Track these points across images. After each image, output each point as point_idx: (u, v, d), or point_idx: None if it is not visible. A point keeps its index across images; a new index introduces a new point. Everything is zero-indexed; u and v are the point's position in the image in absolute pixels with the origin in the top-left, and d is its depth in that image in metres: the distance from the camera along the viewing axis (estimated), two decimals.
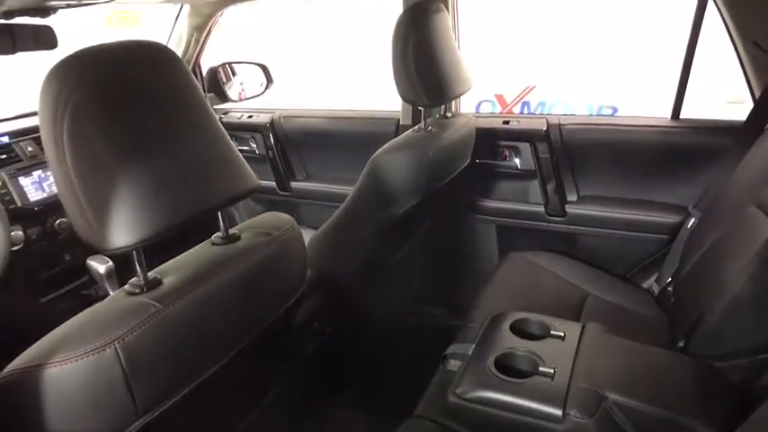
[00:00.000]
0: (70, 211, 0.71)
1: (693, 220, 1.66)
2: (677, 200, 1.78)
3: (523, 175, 1.98)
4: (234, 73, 2.41)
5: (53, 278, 1.83)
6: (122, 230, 0.69)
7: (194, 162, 0.77)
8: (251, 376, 1.01)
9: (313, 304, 1.22)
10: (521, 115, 2.55)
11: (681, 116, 1.80)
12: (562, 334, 1.26)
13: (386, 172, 1.36)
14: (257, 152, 2.43)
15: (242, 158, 0.85)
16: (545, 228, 1.98)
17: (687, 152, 1.76)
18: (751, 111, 1.60)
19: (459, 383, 1.15)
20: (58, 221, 1.78)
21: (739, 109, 1.72)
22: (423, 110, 1.55)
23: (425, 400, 1.25)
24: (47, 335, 0.69)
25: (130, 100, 0.72)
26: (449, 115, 1.71)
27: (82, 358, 0.65)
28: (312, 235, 1.46)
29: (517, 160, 1.97)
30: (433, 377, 1.32)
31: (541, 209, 1.97)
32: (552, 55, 3.77)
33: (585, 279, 1.73)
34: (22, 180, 1.73)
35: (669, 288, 1.64)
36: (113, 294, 0.78)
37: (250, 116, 2.44)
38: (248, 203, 2.58)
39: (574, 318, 1.48)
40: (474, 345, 1.29)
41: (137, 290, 0.75)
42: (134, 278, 0.76)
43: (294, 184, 2.43)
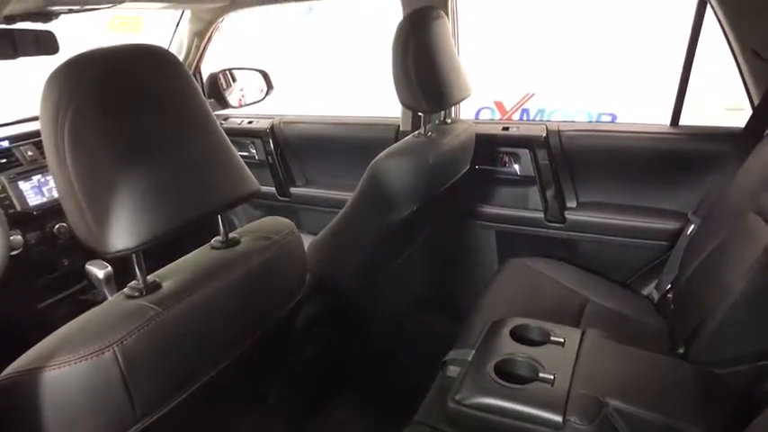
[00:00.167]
0: (70, 215, 0.72)
1: (693, 227, 1.66)
2: (677, 206, 1.78)
3: (523, 182, 1.98)
4: (234, 79, 2.42)
5: (52, 283, 1.83)
6: (122, 234, 0.69)
7: (195, 165, 0.77)
8: (250, 380, 1.01)
9: (312, 309, 1.22)
10: (520, 122, 2.56)
11: (680, 123, 1.80)
12: (562, 340, 1.26)
13: (386, 177, 1.36)
14: (257, 158, 2.43)
15: (242, 162, 0.85)
16: (544, 234, 1.98)
17: (686, 159, 1.76)
18: (750, 118, 1.60)
19: (458, 389, 1.15)
20: (58, 226, 1.77)
21: (738, 116, 1.72)
22: (422, 116, 1.56)
23: (425, 407, 1.25)
24: (46, 338, 0.69)
25: (131, 103, 0.72)
26: (448, 121, 1.72)
27: (80, 361, 0.64)
28: (312, 240, 1.46)
29: (517, 166, 1.97)
30: (433, 383, 1.32)
31: (541, 215, 1.97)
32: (551, 63, 3.79)
33: (585, 285, 1.73)
34: (22, 184, 1.73)
35: (669, 295, 1.64)
36: (112, 298, 0.77)
37: (250, 122, 2.45)
38: (247, 209, 2.58)
39: (573, 324, 1.48)
40: (474, 351, 1.28)
41: (136, 293, 0.75)
42: (133, 281, 0.76)
43: (294, 190, 2.44)
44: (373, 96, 2.93)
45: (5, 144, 1.79)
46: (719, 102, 2.20)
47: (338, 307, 1.34)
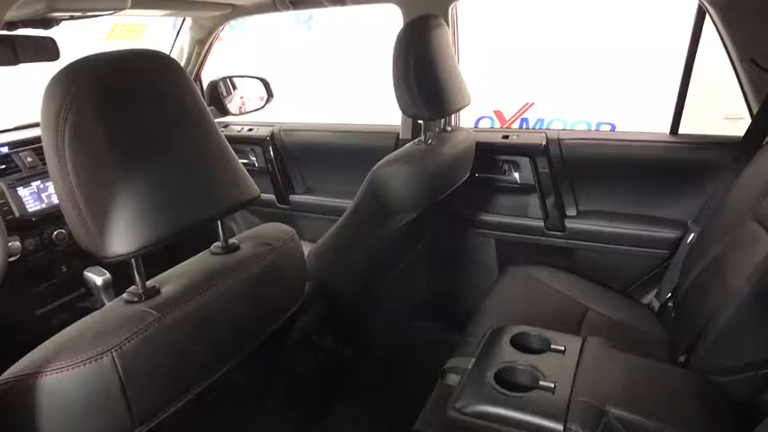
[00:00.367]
0: (70, 219, 0.71)
1: (693, 236, 1.66)
2: (676, 215, 1.78)
3: (523, 190, 1.98)
4: (234, 87, 2.43)
5: (50, 290, 1.82)
6: (122, 238, 0.69)
7: (195, 170, 0.77)
8: (249, 387, 1.00)
9: (311, 316, 1.21)
10: (520, 130, 2.56)
11: (679, 131, 1.81)
12: (563, 348, 1.25)
13: (386, 184, 1.36)
14: (257, 165, 2.43)
15: (242, 167, 0.85)
16: (544, 242, 1.98)
17: (686, 167, 1.76)
18: (749, 126, 1.60)
19: (459, 397, 1.14)
20: (56, 232, 1.77)
21: (737, 124, 1.73)
22: (423, 123, 1.56)
23: (425, 415, 1.24)
24: (44, 342, 0.68)
25: (132, 108, 0.72)
26: (448, 129, 1.72)
27: (79, 366, 0.64)
28: (311, 247, 1.46)
29: (516, 174, 1.97)
30: (433, 391, 1.31)
31: (541, 223, 1.97)
32: (551, 72, 3.80)
33: (585, 294, 1.73)
34: (21, 191, 1.73)
35: (669, 304, 1.63)
36: (111, 303, 0.77)
37: (250, 129, 2.45)
38: (247, 216, 2.58)
39: (573, 333, 1.47)
40: (474, 358, 1.28)
41: (135, 298, 0.75)
42: (132, 287, 0.76)
43: (293, 198, 2.43)
44: (372, 107, 2.93)
45: (5, 150, 1.79)
46: (718, 110, 2.20)
47: (338, 314, 1.33)
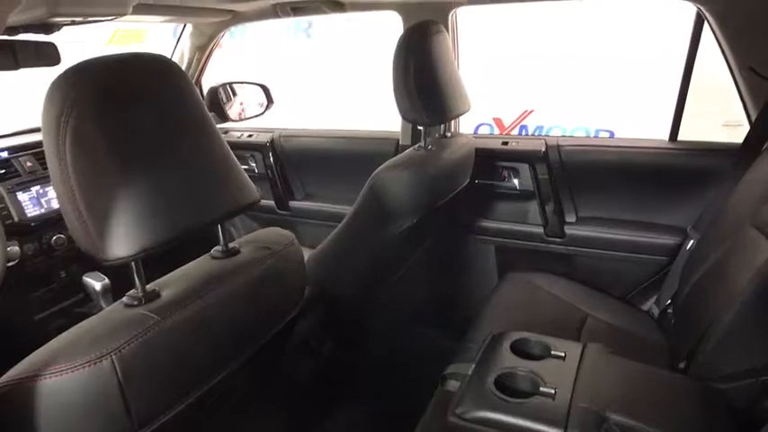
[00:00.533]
0: (70, 222, 0.71)
1: (692, 242, 1.66)
2: (676, 221, 1.78)
3: (522, 196, 1.98)
4: (234, 93, 2.43)
5: (48, 295, 1.82)
6: (122, 241, 0.69)
7: (195, 174, 0.77)
8: (248, 391, 0.99)
9: (311, 321, 1.21)
10: (520, 136, 2.57)
11: (678, 138, 1.81)
12: (563, 354, 1.25)
13: (387, 189, 1.36)
14: (256, 171, 2.43)
15: (243, 171, 0.85)
16: (544, 249, 1.98)
17: (685, 174, 1.76)
18: (747, 133, 1.61)
19: (459, 403, 1.14)
20: (55, 237, 1.77)
21: (735, 131, 1.74)
22: (423, 129, 1.56)
23: (424, 421, 1.23)
24: (43, 346, 0.68)
25: (133, 111, 0.72)
26: (448, 135, 1.73)
27: (78, 369, 0.64)
28: (311, 252, 1.46)
29: (516, 181, 1.97)
30: (432, 397, 1.30)
31: (540, 230, 1.97)
32: (550, 80, 3.81)
33: (585, 300, 1.73)
34: (20, 195, 1.72)
35: (669, 310, 1.63)
36: (111, 306, 0.77)
37: (250, 135, 2.45)
38: (246, 223, 2.57)
39: (573, 339, 1.47)
40: (474, 364, 1.27)
41: (135, 302, 0.75)
42: (132, 290, 0.76)
43: (293, 204, 2.43)
44: (371, 113, 2.94)
45: (4, 155, 1.78)
46: (717, 117, 2.21)
47: (337, 319, 1.33)
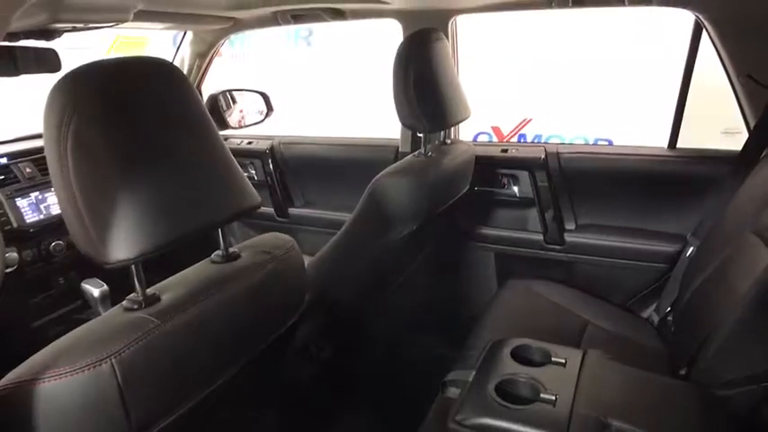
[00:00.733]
0: (71, 225, 0.71)
1: (692, 249, 1.67)
2: (675, 229, 1.79)
3: (522, 203, 1.98)
4: (234, 100, 2.43)
5: (46, 301, 1.81)
6: (123, 244, 0.69)
7: (196, 178, 0.77)
8: (248, 397, 0.99)
9: (310, 327, 1.20)
10: (519, 144, 2.58)
11: (677, 146, 1.82)
12: (563, 361, 1.24)
13: (387, 195, 1.36)
14: (256, 178, 2.44)
15: (244, 176, 0.85)
16: (543, 256, 1.98)
17: (684, 181, 1.77)
18: (746, 141, 1.62)
19: (459, 410, 1.13)
20: (54, 244, 1.76)
21: (734, 139, 1.74)
22: (422, 136, 1.56)
23: (424, 428, 1.23)
24: (43, 349, 0.68)
25: (134, 114, 0.72)
26: (448, 142, 1.73)
27: (77, 373, 0.63)
28: (311, 259, 1.45)
29: (516, 188, 1.98)
30: (432, 404, 1.29)
31: (540, 237, 1.97)
32: (548, 88, 3.82)
33: (585, 308, 1.72)
34: (19, 201, 1.72)
35: (669, 317, 1.63)
36: (111, 310, 0.76)
37: (250, 142, 2.46)
38: (245, 230, 2.57)
39: (573, 346, 1.46)
40: (474, 371, 1.26)
41: (135, 305, 0.74)
42: (132, 294, 0.75)
43: (292, 211, 2.43)
44: (371, 121, 2.94)
45: (4, 161, 1.79)
46: (716, 125, 2.22)
47: (337, 326, 1.32)
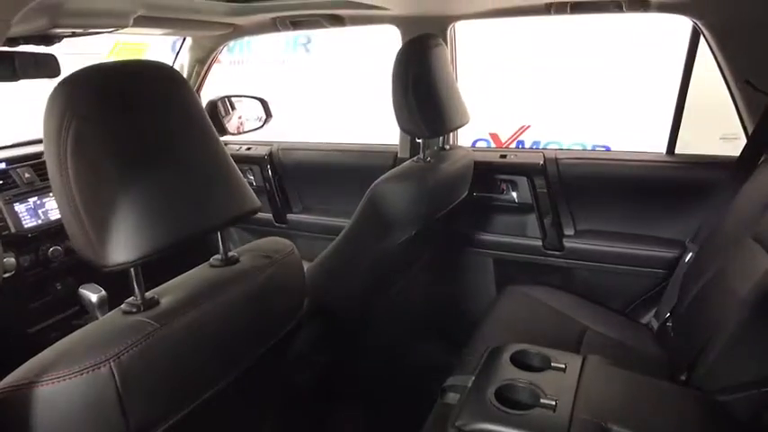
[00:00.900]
0: (70, 229, 0.71)
1: (691, 255, 1.66)
2: (674, 234, 1.79)
3: (521, 209, 1.99)
4: (233, 107, 2.43)
5: (44, 307, 1.80)
6: (122, 247, 0.68)
7: (196, 181, 0.77)
8: (247, 403, 0.98)
9: (310, 333, 1.20)
10: (518, 150, 2.58)
11: (676, 151, 1.82)
12: (563, 366, 1.24)
13: (386, 200, 1.36)
14: (255, 184, 2.43)
15: (243, 179, 0.85)
16: (542, 262, 1.98)
17: (683, 187, 1.77)
18: (744, 146, 1.62)
19: (459, 416, 1.12)
20: (52, 249, 1.76)
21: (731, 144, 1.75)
22: (421, 141, 1.57)
23: None
24: (41, 352, 0.67)
25: (133, 117, 0.72)
26: (447, 147, 1.73)
27: (76, 376, 0.63)
28: (310, 264, 1.45)
29: (514, 194, 1.98)
30: (432, 410, 1.29)
31: (539, 243, 1.97)
32: (546, 95, 3.83)
33: (584, 313, 1.72)
34: (18, 206, 1.72)
35: (668, 323, 1.62)
36: (110, 313, 0.76)
37: (248, 148, 2.46)
38: (243, 236, 2.57)
39: (573, 352, 1.46)
40: (473, 377, 1.26)
41: (134, 309, 0.74)
42: (131, 297, 0.75)
43: (290, 217, 2.43)
44: (369, 127, 2.95)
45: (2, 166, 1.78)
46: (715, 130, 2.23)
47: (336, 331, 1.32)
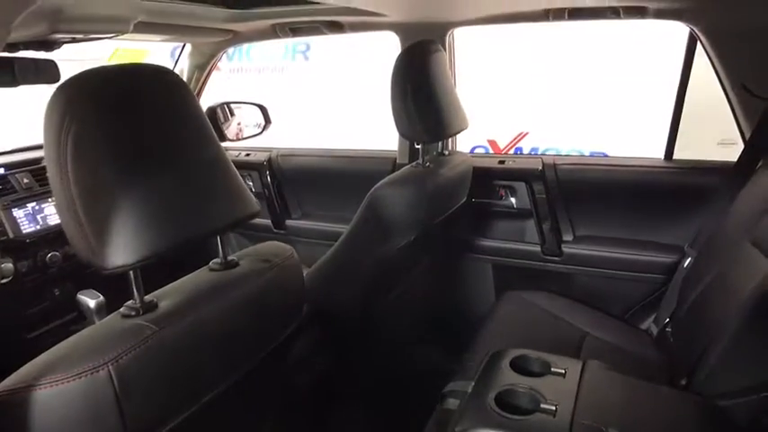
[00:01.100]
0: (70, 231, 0.70)
1: (689, 260, 1.66)
2: (672, 239, 1.79)
3: (520, 215, 1.99)
4: (232, 113, 2.44)
5: (42, 313, 1.80)
6: (121, 250, 0.68)
7: (196, 184, 0.77)
8: (246, 408, 0.98)
9: (309, 338, 1.19)
10: (516, 155, 2.59)
11: (674, 157, 1.83)
12: (563, 371, 1.23)
13: (385, 205, 1.36)
14: (254, 190, 2.43)
15: (243, 183, 0.85)
16: (541, 267, 1.98)
17: (681, 192, 1.78)
18: (742, 152, 1.62)
19: (459, 421, 1.12)
20: (50, 255, 1.76)
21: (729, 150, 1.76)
22: (420, 147, 1.57)
23: None
24: (39, 356, 0.67)
25: (133, 120, 0.72)
26: (446, 153, 1.74)
27: (73, 380, 0.62)
28: (309, 270, 1.45)
29: (513, 199, 1.98)
30: (431, 416, 1.29)
31: (538, 248, 1.97)
32: (544, 102, 3.85)
33: (583, 319, 1.72)
34: (16, 212, 1.72)
35: (668, 329, 1.62)
36: (109, 317, 0.76)
37: (247, 154, 2.46)
38: (242, 241, 2.56)
39: (572, 357, 1.46)
40: (473, 382, 1.26)
41: (132, 312, 0.74)
42: (130, 301, 0.75)
43: (289, 222, 2.43)
44: (368, 133, 2.95)
45: (1, 171, 1.79)
46: (712, 136, 2.24)
47: (335, 336, 1.32)
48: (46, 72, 1.44)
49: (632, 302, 1.88)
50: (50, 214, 1.79)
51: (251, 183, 2.44)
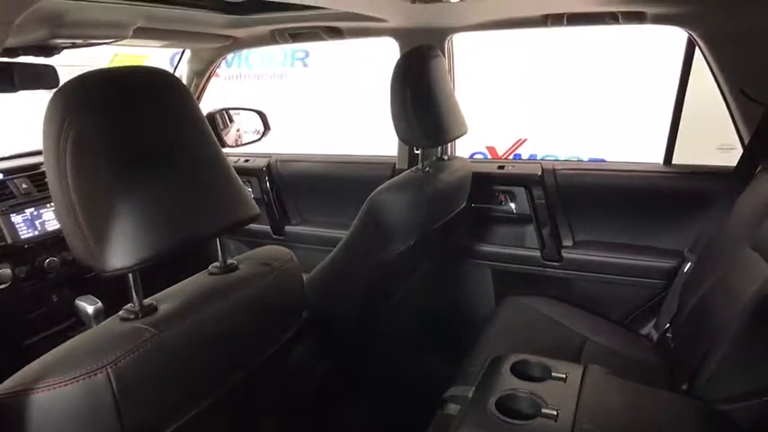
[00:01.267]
0: (69, 235, 0.70)
1: (689, 264, 1.66)
2: (672, 244, 1.79)
3: (519, 220, 1.99)
4: (231, 120, 2.44)
5: (40, 319, 1.79)
6: (120, 252, 0.68)
7: (195, 187, 0.77)
8: (246, 411, 0.97)
9: (308, 343, 1.19)
10: (516, 161, 2.59)
11: (673, 162, 1.83)
12: (564, 376, 1.23)
13: (384, 210, 1.36)
14: (252, 196, 2.42)
15: (243, 186, 0.85)
16: (541, 272, 1.97)
17: (680, 197, 1.78)
18: (741, 156, 1.63)
19: (460, 426, 1.11)
20: (48, 260, 1.75)
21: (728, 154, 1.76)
22: (420, 152, 1.57)
23: None
24: (38, 359, 0.66)
25: (132, 123, 0.72)
26: (445, 158, 1.74)
27: (72, 383, 0.62)
28: (308, 275, 1.45)
29: (512, 205, 1.98)
30: (432, 421, 1.28)
31: (537, 253, 1.96)
32: (543, 109, 3.86)
33: (583, 324, 1.72)
34: (14, 217, 1.71)
35: (668, 334, 1.62)
36: (107, 320, 0.75)
37: (247, 160, 2.46)
38: (241, 248, 2.56)
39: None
40: (474, 387, 1.25)
41: (131, 315, 0.73)
42: (129, 304, 0.74)
43: (289, 228, 2.43)
44: (367, 138, 2.96)
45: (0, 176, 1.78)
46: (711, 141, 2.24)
47: (334, 342, 1.31)
48: (45, 78, 1.43)
49: (632, 307, 1.87)
50: (49, 220, 1.79)
51: (250, 189, 2.44)
